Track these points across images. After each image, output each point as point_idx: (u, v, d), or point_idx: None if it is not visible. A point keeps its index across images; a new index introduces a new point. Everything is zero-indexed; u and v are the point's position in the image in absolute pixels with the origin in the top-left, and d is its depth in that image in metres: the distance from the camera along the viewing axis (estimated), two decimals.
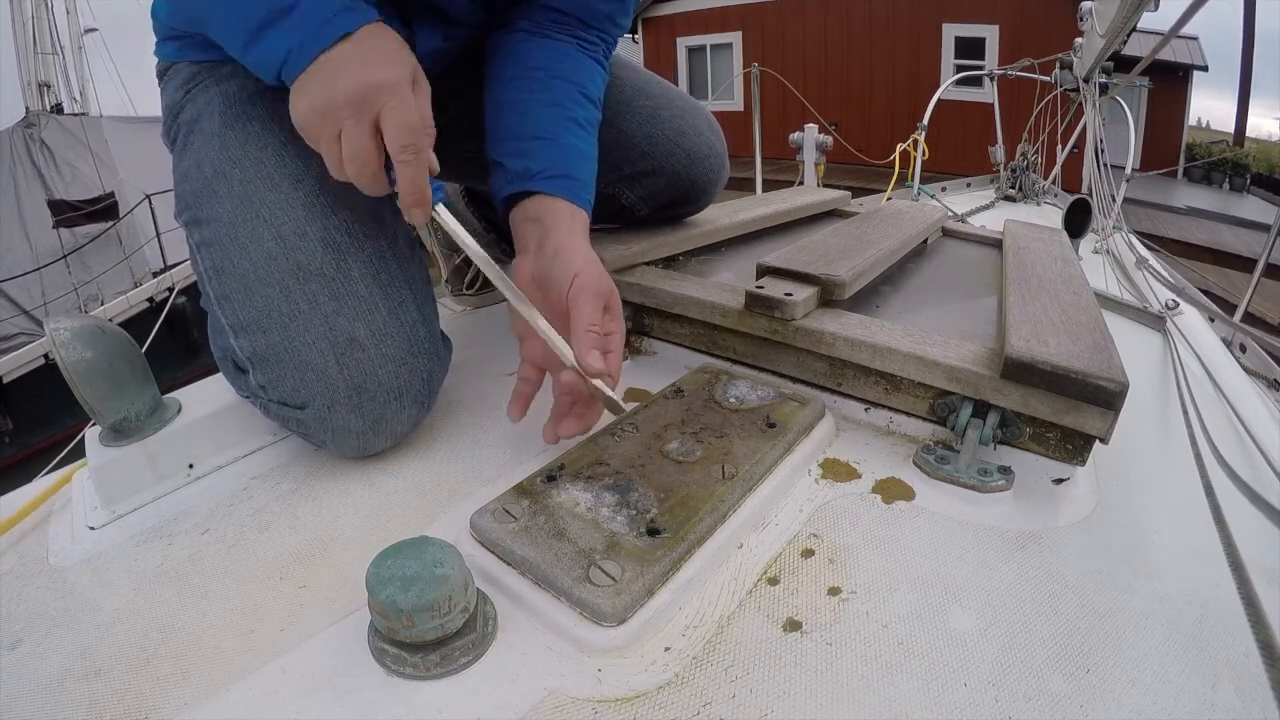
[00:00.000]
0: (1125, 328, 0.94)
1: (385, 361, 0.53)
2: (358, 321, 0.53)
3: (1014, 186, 2.35)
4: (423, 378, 0.55)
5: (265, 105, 0.58)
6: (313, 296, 0.52)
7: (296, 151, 0.56)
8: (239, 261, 0.54)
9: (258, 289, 0.53)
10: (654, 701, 0.34)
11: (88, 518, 0.50)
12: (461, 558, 0.35)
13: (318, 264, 0.53)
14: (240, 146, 0.56)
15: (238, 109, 0.58)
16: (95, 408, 0.50)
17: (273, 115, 0.57)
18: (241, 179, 0.55)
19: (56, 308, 5.60)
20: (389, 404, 0.53)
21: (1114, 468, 0.53)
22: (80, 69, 8.40)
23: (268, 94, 0.58)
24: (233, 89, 0.59)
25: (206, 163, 0.57)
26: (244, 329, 0.54)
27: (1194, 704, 0.34)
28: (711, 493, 0.45)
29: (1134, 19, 1.33)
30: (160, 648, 0.39)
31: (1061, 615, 0.39)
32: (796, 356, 0.61)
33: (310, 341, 0.52)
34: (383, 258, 0.56)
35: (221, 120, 0.57)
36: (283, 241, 0.53)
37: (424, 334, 0.56)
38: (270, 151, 0.56)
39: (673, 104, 0.79)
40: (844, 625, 0.38)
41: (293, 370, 0.52)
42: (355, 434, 0.53)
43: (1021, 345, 0.50)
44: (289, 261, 0.53)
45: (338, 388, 0.52)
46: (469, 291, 0.98)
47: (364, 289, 0.54)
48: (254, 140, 0.56)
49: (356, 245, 0.55)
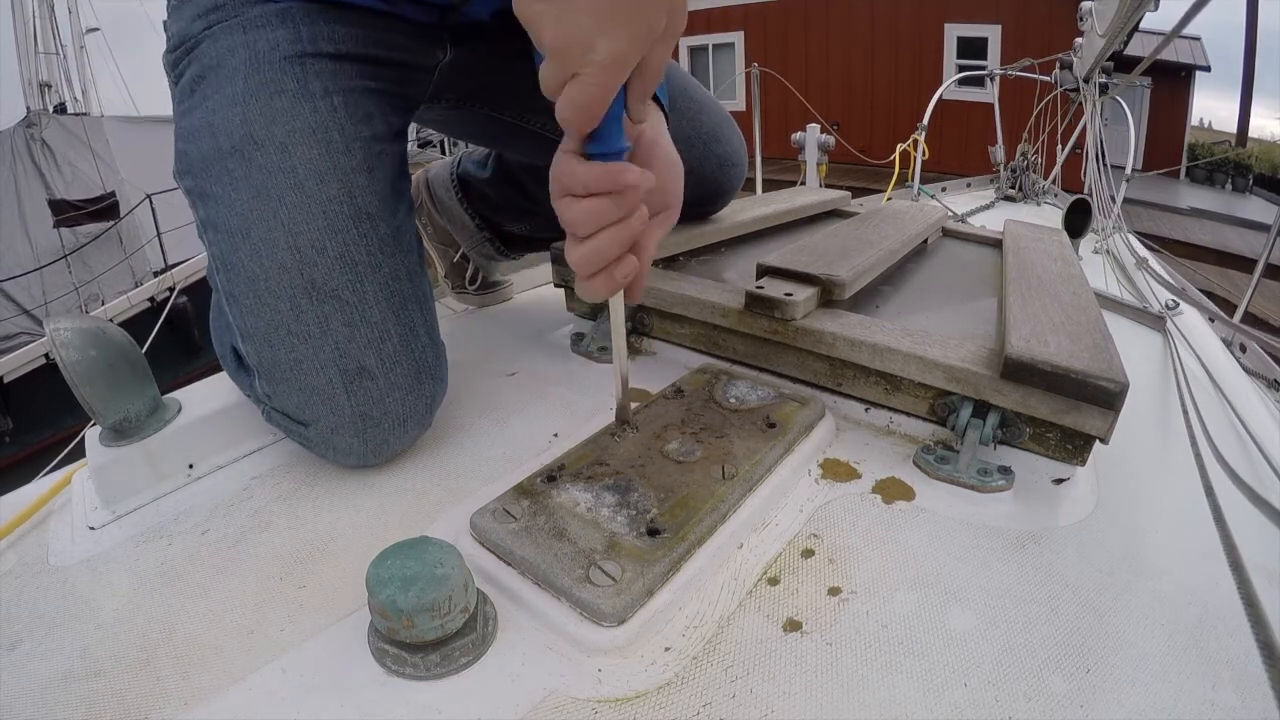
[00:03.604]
0: (1125, 328, 0.94)
1: (393, 390, 0.52)
2: (369, 350, 0.52)
3: (1014, 186, 2.35)
4: (427, 403, 0.55)
5: (296, 76, 0.53)
6: (325, 320, 0.51)
7: (325, 141, 0.52)
8: (249, 263, 0.51)
9: (268, 300, 0.51)
10: (654, 701, 0.34)
11: (88, 518, 0.50)
12: (461, 558, 0.35)
13: (334, 285, 0.51)
14: (265, 125, 0.51)
15: (266, 73, 0.52)
16: (95, 408, 0.50)
17: (304, 91, 0.53)
18: (262, 166, 0.51)
19: (57, 307, 5.61)
20: (393, 430, 0.53)
21: (1114, 468, 0.53)
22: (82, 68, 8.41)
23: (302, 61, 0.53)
24: (263, 45, 0.52)
25: (222, 132, 0.51)
26: (250, 337, 0.53)
27: (1194, 704, 0.34)
28: (711, 493, 0.45)
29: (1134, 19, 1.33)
30: (160, 648, 0.39)
31: (1061, 615, 0.39)
32: (797, 356, 0.61)
33: (319, 367, 0.51)
34: (398, 278, 0.54)
35: (245, 85, 0.52)
36: (298, 254, 0.50)
37: (431, 358, 0.56)
38: (298, 138, 0.51)
39: (711, 110, 0.80)
40: (844, 625, 0.38)
41: (297, 390, 0.51)
42: (356, 455, 0.53)
43: (1021, 345, 0.50)
44: (304, 278, 0.50)
45: (344, 414, 0.51)
46: (471, 287, 0.97)
47: (378, 314, 0.52)
48: (281, 120, 0.51)
49: (374, 265, 0.53)
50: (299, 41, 0.54)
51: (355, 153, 0.54)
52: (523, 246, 0.96)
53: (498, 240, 0.93)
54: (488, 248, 0.94)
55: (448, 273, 0.97)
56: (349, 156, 0.54)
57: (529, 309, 0.94)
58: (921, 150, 2.43)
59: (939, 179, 2.49)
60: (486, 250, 0.94)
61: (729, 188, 0.85)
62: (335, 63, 0.55)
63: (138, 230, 6.25)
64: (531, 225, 0.91)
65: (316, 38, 0.55)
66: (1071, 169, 2.56)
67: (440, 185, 0.93)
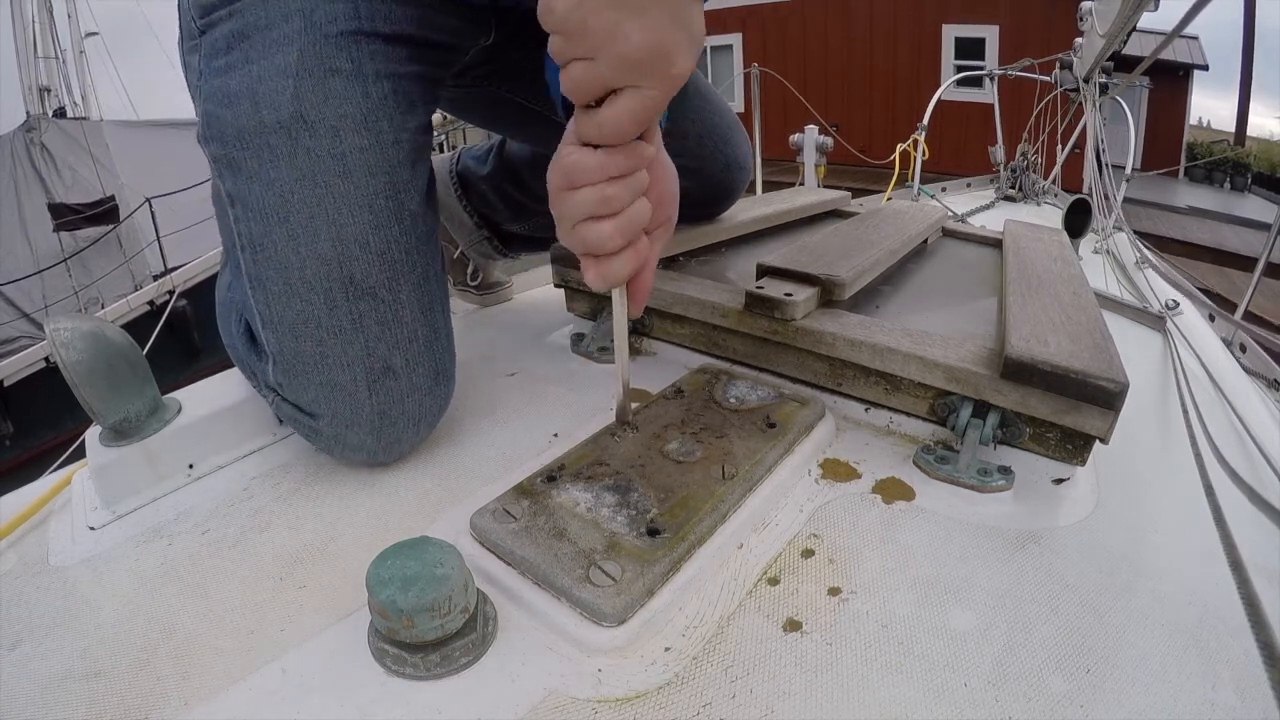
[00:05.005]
0: (1125, 328, 0.94)
1: (414, 390, 0.52)
2: (397, 350, 0.51)
3: (1014, 186, 2.35)
4: (440, 404, 0.55)
5: (352, 55, 0.50)
6: (360, 318, 0.50)
7: (375, 130, 0.50)
8: (283, 248, 0.49)
9: (300, 290, 0.49)
10: (654, 702, 0.34)
11: (88, 518, 0.50)
12: (461, 558, 0.35)
13: (372, 282, 0.50)
14: (317, 105, 0.48)
15: (322, 50, 0.49)
16: (95, 408, 0.50)
17: (358, 73, 0.50)
18: (310, 149, 0.48)
19: (57, 311, 5.61)
20: (407, 429, 0.53)
21: (1114, 468, 0.53)
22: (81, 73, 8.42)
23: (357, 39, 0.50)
24: (320, 16, 0.49)
25: (267, 105, 0.48)
26: (274, 326, 0.51)
27: (1194, 704, 0.34)
28: (711, 493, 0.45)
29: (1134, 19, 1.33)
30: (160, 648, 0.39)
31: (1061, 615, 0.39)
32: (797, 357, 0.61)
33: (345, 364, 0.50)
34: (428, 279, 0.54)
35: (300, 59, 0.48)
36: (340, 246, 0.49)
37: (448, 360, 0.56)
38: (350, 123, 0.49)
39: (724, 112, 0.81)
40: (844, 625, 0.38)
41: (317, 385, 0.51)
42: (368, 451, 0.53)
43: (1021, 345, 0.50)
44: (343, 272, 0.49)
45: (363, 411, 0.51)
46: (472, 284, 0.97)
47: (409, 314, 0.52)
48: (334, 101, 0.49)
49: (410, 263, 0.52)
50: (357, 18, 0.51)
51: (403, 145, 0.53)
52: (521, 246, 0.95)
53: (496, 239, 0.93)
54: (486, 246, 0.94)
55: (449, 269, 0.97)
56: (397, 149, 0.52)
57: (529, 309, 0.94)
58: (921, 150, 2.43)
59: (939, 179, 2.49)
60: (485, 249, 0.94)
61: (735, 189, 0.85)
62: (388, 45, 0.53)
63: (137, 234, 6.25)
64: (530, 224, 0.91)
65: (374, 15, 0.51)
66: (1071, 169, 2.56)
67: (439, 182, 0.92)
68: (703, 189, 0.81)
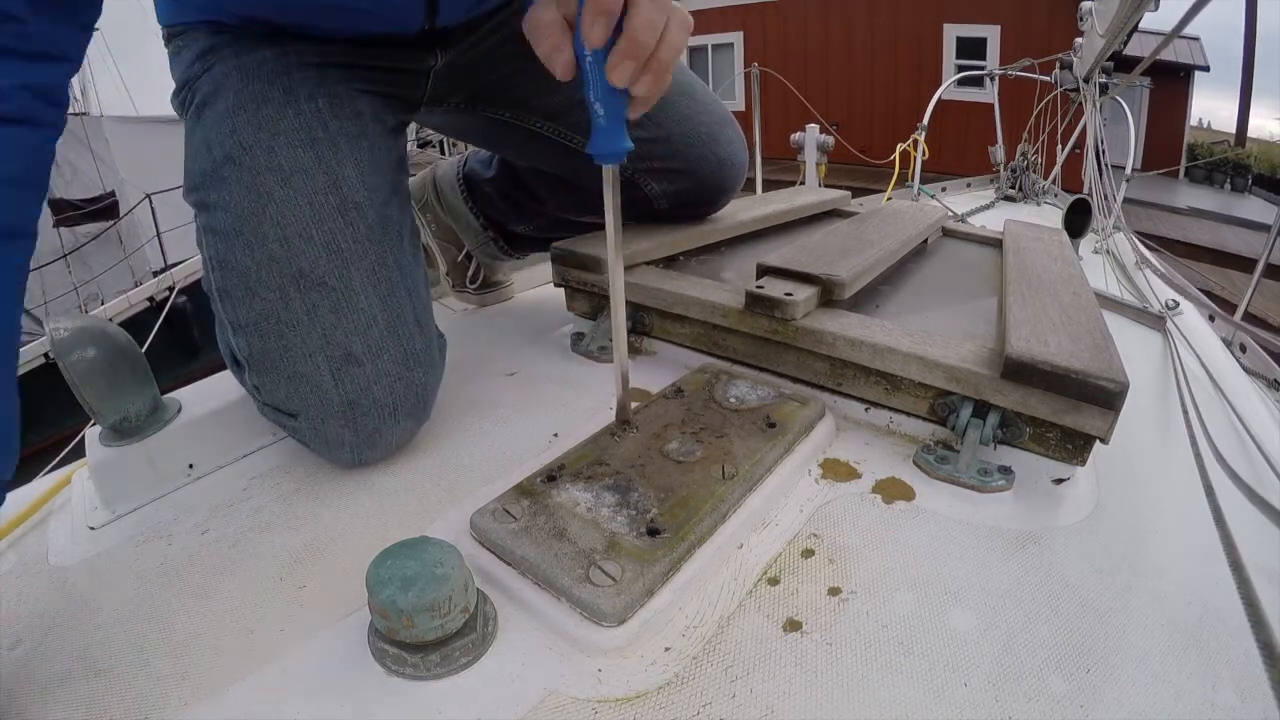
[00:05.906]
0: (1125, 328, 0.94)
1: (380, 377, 0.53)
2: (355, 336, 0.53)
3: (1014, 186, 2.35)
4: (417, 392, 0.55)
5: (283, 85, 0.56)
6: (313, 307, 0.52)
7: (310, 139, 0.55)
8: (241, 258, 0.53)
9: (258, 290, 0.53)
10: (654, 701, 0.34)
11: (88, 518, 0.50)
12: (461, 558, 0.35)
13: (320, 272, 0.53)
14: (252, 131, 0.54)
15: (254, 86, 0.55)
16: (95, 408, 0.50)
17: (289, 98, 0.56)
18: (251, 168, 0.53)
19: (57, 307, 5.60)
20: (383, 419, 0.53)
21: (1114, 468, 0.53)
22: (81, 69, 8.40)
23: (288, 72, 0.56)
24: (251, 63, 0.56)
25: (216, 145, 0.55)
26: (242, 328, 0.54)
27: (1194, 704, 0.34)
28: (712, 493, 0.45)
29: (1134, 19, 1.33)
30: (160, 648, 0.39)
31: (1061, 615, 0.39)
32: (797, 356, 0.61)
33: (306, 354, 0.52)
34: (385, 265, 0.56)
35: (235, 99, 0.55)
36: (287, 244, 0.52)
37: (420, 346, 0.56)
38: (283, 140, 0.54)
39: (711, 110, 0.80)
40: (844, 625, 0.38)
41: (286, 379, 0.52)
42: (349, 447, 0.53)
43: (1021, 345, 0.50)
44: (292, 267, 0.52)
45: (331, 402, 0.52)
46: (471, 286, 0.97)
47: (364, 301, 0.53)
48: (268, 124, 0.55)
49: (360, 252, 0.54)
50: (285, 57, 0.57)
51: (341, 147, 0.56)
52: (527, 246, 0.96)
53: (502, 240, 0.94)
54: (492, 247, 0.94)
55: (449, 271, 0.97)
56: (334, 150, 0.56)
57: (529, 309, 0.94)
58: (921, 150, 2.43)
59: (939, 179, 2.49)
60: (491, 250, 0.94)
61: (728, 188, 0.85)
62: (320, 70, 0.59)
63: (137, 230, 6.25)
64: (536, 225, 0.92)
65: (304, 52, 0.58)
66: (1071, 169, 2.56)
67: (446, 184, 0.94)
68: (696, 189, 0.81)
